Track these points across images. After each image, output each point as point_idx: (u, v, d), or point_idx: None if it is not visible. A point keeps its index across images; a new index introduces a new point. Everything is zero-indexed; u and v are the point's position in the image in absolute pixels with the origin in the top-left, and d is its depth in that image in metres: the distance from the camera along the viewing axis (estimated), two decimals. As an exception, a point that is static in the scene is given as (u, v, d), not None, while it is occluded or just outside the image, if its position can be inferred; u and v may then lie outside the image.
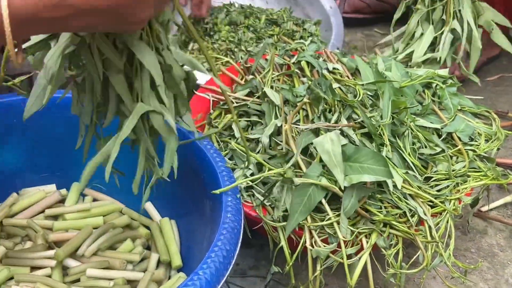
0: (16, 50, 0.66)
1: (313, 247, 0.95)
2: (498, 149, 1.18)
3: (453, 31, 1.40)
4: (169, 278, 1.06)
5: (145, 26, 0.74)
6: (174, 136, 0.84)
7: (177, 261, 1.06)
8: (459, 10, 1.40)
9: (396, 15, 1.54)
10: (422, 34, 1.44)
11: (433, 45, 1.46)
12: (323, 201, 0.96)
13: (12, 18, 0.61)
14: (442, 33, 1.40)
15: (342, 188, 0.95)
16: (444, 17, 1.41)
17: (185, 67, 0.84)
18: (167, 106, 0.80)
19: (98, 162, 0.80)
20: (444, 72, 1.25)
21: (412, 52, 1.45)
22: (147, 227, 1.13)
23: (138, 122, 0.77)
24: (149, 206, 1.16)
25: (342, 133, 1.03)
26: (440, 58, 1.42)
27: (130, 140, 0.82)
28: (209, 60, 0.85)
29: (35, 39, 0.79)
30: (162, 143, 0.86)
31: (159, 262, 1.07)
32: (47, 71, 0.78)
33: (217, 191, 0.96)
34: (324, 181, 0.96)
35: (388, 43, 1.61)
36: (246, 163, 1.05)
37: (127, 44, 0.73)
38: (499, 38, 1.37)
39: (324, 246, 0.95)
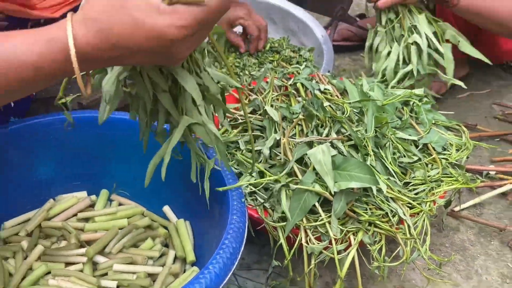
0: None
1: (308, 244, 0.95)
2: (467, 157, 1.17)
3: (415, 43, 1.37)
4: (184, 271, 1.06)
5: None
6: (219, 141, 0.86)
7: (191, 256, 1.06)
8: (415, 26, 1.37)
9: (367, 43, 1.54)
10: (389, 52, 1.42)
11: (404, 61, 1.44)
12: (316, 204, 0.96)
13: (77, 57, 0.63)
14: (406, 47, 1.37)
15: (333, 193, 0.95)
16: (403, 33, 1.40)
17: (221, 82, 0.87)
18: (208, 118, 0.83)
19: (156, 163, 0.86)
20: (419, 91, 1.25)
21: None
22: (165, 228, 1.13)
23: (184, 131, 0.80)
24: (167, 209, 1.16)
25: (332, 145, 1.03)
26: (413, 71, 1.38)
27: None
28: (233, 76, 0.86)
29: None
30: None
31: (175, 258, 1.07)
32: (105, 94, 0.80)
33: (221, 189, 0.97)
34: (317, 187, 0.96)
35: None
36: (251, 170, 1.05)
37: (171, 71, 0.75)
38: (467, 48, 1.36)
39: (318, 243, 0.95)
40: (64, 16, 0.99)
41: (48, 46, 0.65)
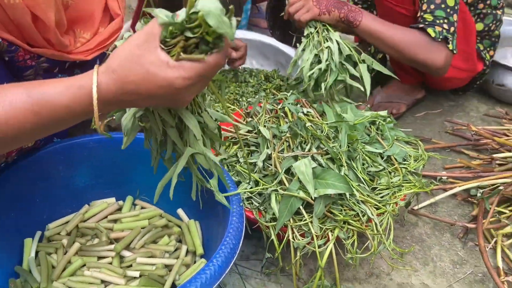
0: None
1: (294, 240, 0.95)
2: (423, 166, 1.18)
3: (328, 48, 1.32)
4: (195, 262, 1.06)
5: None
6: (218, 166, 0.89)
7: (200, 250, 1.06)
8: (330, 37, 1.34)
9: (294, 57, 1.45)
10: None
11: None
12: (301, 207, 0.97)
13: (99, 101, 0.66)
14: (321, 50, 1.32)
15: (313, 198, 0.96)
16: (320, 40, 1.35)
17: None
18: (207, 148, 0.85)
19: (163, 184, 0.89)
20: (383, 113, 1.26)
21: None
22: (179, 226, 1.13)
23: (188, 159, 0.83)
24: (180, 211, 1.16)
25: (313, 158, 1.03)
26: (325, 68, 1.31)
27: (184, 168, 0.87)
28: (227, 112, 0.88)
29: None
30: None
31: (187, 251, 1.07)
32: (124, 128, 0.83)
33: (220, 198, 0.95)
34: (301, 194, 0.96)
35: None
36: (248, 180, 1.06)
37: (177, 112, 0.79)
38: (379, 67, 1.32)
39: (302, 239, 0.95)
40: (95, 59, 1.00)
41: (77, 92, 0.67)
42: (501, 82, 1.78)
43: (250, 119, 1.25)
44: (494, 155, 1.41)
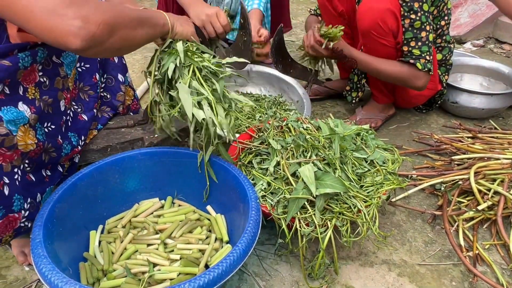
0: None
1: (301, 228, 0.94)
2: (398, 167, 1.17)
3: None
4: (222, 247, 1.05)
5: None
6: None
7: (226, 238, 1.05)
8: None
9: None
10: None
11: None
12: (306, 203, 0.96)
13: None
14: None
15: (315, 196, 0.94)
16: None
17: None
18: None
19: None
20: (366, 126, 1.24)
21: None
22: (209, 219, 1.12)
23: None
24: (209, 208, 1.15)
25: (313, 163, 1.02)
26: None
27: None
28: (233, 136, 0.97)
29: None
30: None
31: (216, 239, 1.06)
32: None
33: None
34: (305, 193, 0.95)
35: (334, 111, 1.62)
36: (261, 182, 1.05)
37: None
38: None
39: (307, 227, 0.94)
40: None
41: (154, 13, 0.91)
42: (455, 100, 1.76)
43: (261, 134, 1.25)
44: (453, 157, 1.39)
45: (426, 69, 1.42)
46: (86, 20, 0.66)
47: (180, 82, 0.92)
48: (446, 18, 1.53)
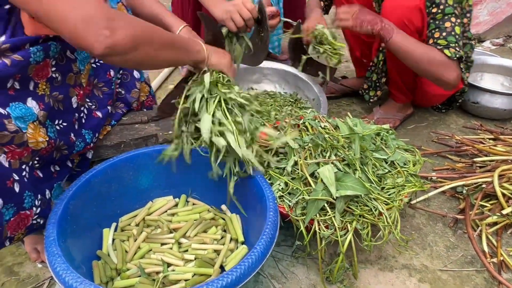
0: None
1: (320, 230, 0.91)
2: (419, 169, 1.13)
3: None
4: (237, 248, 1.03)
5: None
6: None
7: (241, 238, 1.02)
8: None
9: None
10: None
11: None
12: (325, 205, 0.92)
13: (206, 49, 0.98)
14: None
15: (335, 197, 0.91)
16: None
17: None
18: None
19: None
20: (386, 126, 1.20)
21: None
22: (223, 219, 1.10)
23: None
24: (224, 207, 1.12)
25: (333, 164, 0.99)
26: None
27: None
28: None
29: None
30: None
31: (231, 239, 1.04)
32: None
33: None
34: (325, 194, 0.92)
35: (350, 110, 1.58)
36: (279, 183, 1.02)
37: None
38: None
39: (326, 230, 0.91)
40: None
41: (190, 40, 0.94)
42: (475, 100, 1.71)
43: (278, 132, 1.22)
44: (475, 159, 1.34)
45: (456, 57, 1.29)
46: (114, 31, 0.70)
47: (203, 112, 0.93)
48: (468, 15, 1.48)
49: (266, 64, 1.65)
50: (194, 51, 0.94)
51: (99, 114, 1.09)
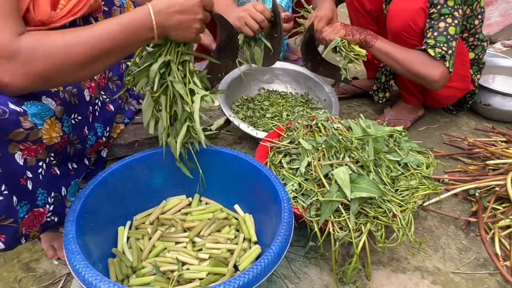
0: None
1: (334, 232, 0.91)
2: (433, 171, 1.13)
3: None
4: (250, 247, 1.03)
5: None
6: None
7: (254, 238, 1.02)
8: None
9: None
10: None
11: None
12: (340, 206, 0.93)
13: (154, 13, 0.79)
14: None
15: (349, 199, 0.91)
16: None
17: None
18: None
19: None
20: (399, 128, 1.20)
21: None
22: (236, 219, 1.10)
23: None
24: (237, 207, 1.13)
25: (347, 165, 0.99)
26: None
27: None
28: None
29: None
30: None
31: (244, 239, 1.04)
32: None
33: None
34: (339, 196, 0.92)
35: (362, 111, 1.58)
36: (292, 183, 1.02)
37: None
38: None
39: (340, 231, 0.91)
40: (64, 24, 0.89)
41: (132, 14, 0.78)
42: (487, 102, 1.70)
43: (290, 133, 1.22)
44: (488, 162, 1.34)
45: (439, 57, 1.30)
46: (13, 76, 0.67)
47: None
48: (479, 16, 1.47)
49: (277, 64, 1.65)
50: (142, 40, 0.80)
51: (111, 107, 1.09)
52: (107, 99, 1.09)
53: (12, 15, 0.69)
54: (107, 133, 1.08)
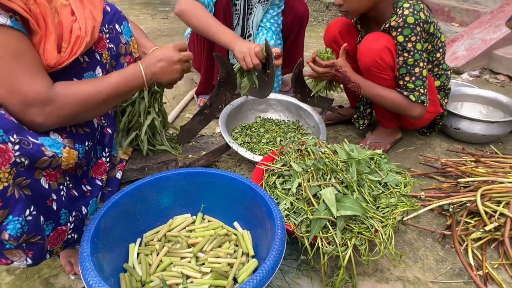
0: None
1: (323, 246, 0.91)
2: (410, 190, 1.13)
3: None
4: (248, 261, 1.02)
5: None
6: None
7: (251, 252, 1.02)
8: None
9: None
10: None
11: None
12: (327, 223, 0.92)
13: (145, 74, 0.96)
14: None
15: (336, 217, 0.91)
16: None
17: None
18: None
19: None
20: (379, 151, 1.21)
21: None
22: (236, 235, 1.10)
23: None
24: (236, 224, 1.12)
25: (333, 186, 1.00)
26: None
27: None
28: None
29: None
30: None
31: (242, 253, 1.03)
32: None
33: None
34: (326, 214, 0.92)
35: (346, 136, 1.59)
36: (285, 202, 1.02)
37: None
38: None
39: (328, 246, 0.91)
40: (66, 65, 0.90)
41: (129, 70, 0.93)
42: (457, 126, 1.72)
43: (282, 157, 1.23)
44: (459, 180, 1.34)
45: (419, 101, 1.41)
46: (47, 117, 0.76)
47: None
48: (440, 50, 1.52)
49: (271, 95, 1.68)
50: (136, 88, 0.94)
51: (109, 130, 1.10)
52: (105, 124, 1.10)
53: (42, 67, 0.76)
54: (107, 154, 1.08)
